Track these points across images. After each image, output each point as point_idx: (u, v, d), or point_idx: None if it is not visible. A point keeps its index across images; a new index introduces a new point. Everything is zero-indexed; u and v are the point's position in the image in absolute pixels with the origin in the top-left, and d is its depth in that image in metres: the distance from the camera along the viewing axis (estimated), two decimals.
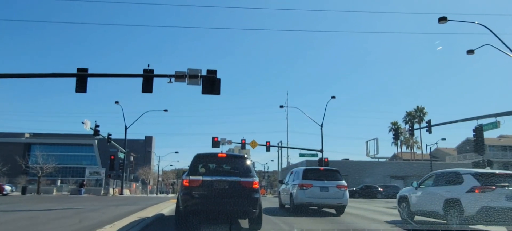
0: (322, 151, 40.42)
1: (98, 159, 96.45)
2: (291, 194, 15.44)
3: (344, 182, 15.35)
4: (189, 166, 9.37)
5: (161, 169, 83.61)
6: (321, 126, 40.02)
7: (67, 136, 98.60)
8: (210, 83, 18.48)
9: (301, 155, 46.77)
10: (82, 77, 18.46)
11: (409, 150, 73.33)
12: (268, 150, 44.57)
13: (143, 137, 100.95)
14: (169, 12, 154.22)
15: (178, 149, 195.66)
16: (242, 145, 42.21)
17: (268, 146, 43.53)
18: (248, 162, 9.60)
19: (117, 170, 45.47)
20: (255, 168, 10.38)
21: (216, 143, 39.96)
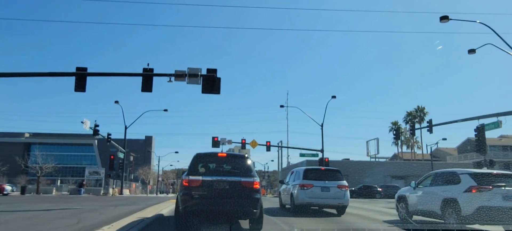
0: (322, 151, 40.42)
1: (97, 158, 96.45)
2: (291, 194, 15.41)
3: (345, 182, 15.29)
4: (189, 166, 9.24)
5: (161, 169, 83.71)
6: (322, 126, 40.04)
7: (67, 135, 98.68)
8: (210, 82, 18.45)
9: (302, 155, 46.79)
10: (81, 76, 18.48)
11: (410, 150, 73.32)
12: (268, 149, 44.68)
13: (143, 137, 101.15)
14: (168, 12, 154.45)
15: (178, 149, 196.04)
16: (242, 145, 42.22)
17: (268, 146, 43.55)
18: (248, 162, 9.48)
19: (116, 170, 45.45)
20: (255, 168, 10.28)
21: (216, 143, 39.97)
